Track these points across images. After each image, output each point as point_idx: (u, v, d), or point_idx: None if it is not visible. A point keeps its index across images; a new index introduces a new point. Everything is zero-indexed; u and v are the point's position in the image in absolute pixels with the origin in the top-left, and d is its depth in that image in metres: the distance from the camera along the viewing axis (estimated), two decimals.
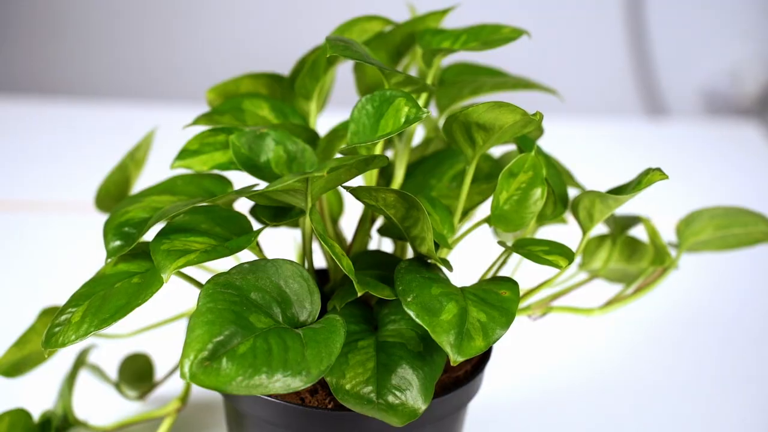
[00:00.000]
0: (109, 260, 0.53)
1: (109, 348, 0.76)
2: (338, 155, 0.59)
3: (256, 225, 0.56)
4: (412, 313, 0.48)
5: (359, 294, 0.49)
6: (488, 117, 0.51)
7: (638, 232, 0.71)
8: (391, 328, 0.53)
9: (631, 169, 0.80)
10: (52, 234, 1.06)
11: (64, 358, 0.74)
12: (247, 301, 0.48)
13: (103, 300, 0.50)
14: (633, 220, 0.66)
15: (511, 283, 0.52)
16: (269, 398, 0.53)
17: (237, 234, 0.53)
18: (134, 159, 0.66)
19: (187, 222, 0.52)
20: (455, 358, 0.47)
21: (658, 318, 0.93)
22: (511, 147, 0.66)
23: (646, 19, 1.97)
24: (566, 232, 0.72)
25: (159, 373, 0.74)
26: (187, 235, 0.51)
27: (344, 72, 0.73)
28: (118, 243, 0.53)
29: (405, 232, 0.53)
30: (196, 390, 0.73)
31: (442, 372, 0.53)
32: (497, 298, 0.51)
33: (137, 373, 0.72)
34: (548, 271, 0.63)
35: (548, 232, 0.72)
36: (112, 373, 0.73)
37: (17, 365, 0.62)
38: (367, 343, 0.52)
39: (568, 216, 0.65)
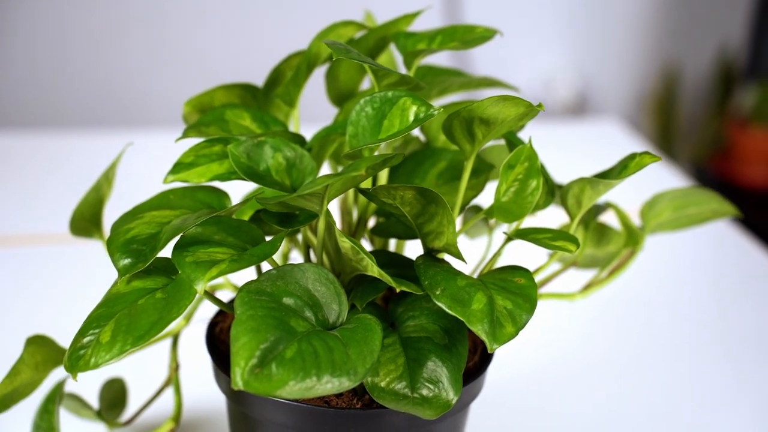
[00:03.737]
0: (121, 279, 0.52)
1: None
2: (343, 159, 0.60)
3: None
4: (443, 306, 0.49)
5: (398, 291, 0.50)
6: (492, 111, 0.53)
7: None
8: (412, 324, 0.53)
9: None
10: (25, 266, 1.03)
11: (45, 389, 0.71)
12: (282, 306, 0.48)
13: (130, 318, 0.49)
14: (602, 207, 0.69)
15: (523, 271, 0.54)
16: (293, 403, 0.53)
17: (250, 242, 0.53)
18: (108, 179, 0.64)
19: (200, 234, 0.52)
20: (492, 346, 0.48)
21: (616, 298, 0.97)
22: (490, 143, 0.68)
23: None
24: (532, 222, 0.74)
25: (140, 396, 0.72)
26: (205, 246, 0.51)
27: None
28: (128, 260, 0.51)
29: (417, 229, 0.54)
30: (188, 408, 0.71)
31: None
32: (516, 286, 0.52)
33: (114, 399, 0.70)
34: (522, 261, 0.65)
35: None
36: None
37: (7, 398, 0.59)
38: (392, 341, 0.52)
39: None
